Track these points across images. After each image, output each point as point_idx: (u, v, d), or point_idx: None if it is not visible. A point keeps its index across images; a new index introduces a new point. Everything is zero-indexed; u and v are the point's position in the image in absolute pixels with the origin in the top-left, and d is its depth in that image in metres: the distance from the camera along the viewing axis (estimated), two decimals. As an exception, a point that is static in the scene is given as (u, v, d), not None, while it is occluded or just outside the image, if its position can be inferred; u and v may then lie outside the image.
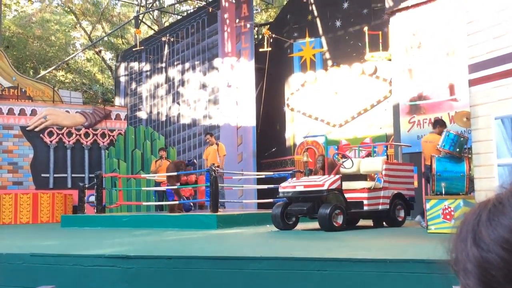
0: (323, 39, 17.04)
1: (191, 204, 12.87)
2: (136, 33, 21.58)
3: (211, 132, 14.81)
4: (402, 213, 10.14)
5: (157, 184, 14.51)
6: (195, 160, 15.04)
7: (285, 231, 9.33)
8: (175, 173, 12.61)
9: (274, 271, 4.96)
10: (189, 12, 26.54)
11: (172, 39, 20.33)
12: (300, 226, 9.86)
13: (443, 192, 8.26)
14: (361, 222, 10.74)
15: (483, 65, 6.64)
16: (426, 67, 12.28)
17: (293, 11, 18.02)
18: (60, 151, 18.50)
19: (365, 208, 9.58)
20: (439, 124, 9.85)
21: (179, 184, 12.60)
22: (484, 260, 0.73)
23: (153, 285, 5.27)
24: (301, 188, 9.32)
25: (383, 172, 10.00)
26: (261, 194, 15.57)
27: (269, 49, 16.88)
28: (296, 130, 17.22)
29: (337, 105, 15.94)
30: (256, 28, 23.63)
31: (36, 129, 18.15)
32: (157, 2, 26.52)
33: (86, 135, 18.87)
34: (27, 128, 18.05)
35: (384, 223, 10.15)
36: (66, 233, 10.36)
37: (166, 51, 20.87)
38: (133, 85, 22.23)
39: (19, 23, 31.17)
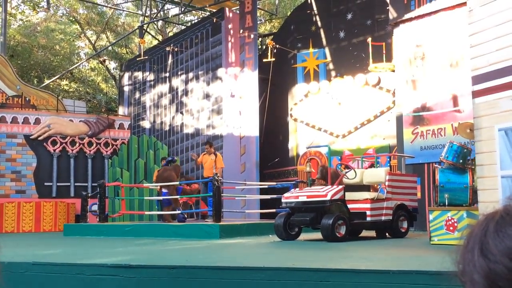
0: (326, 50, 17.08)
1: (185, 215, 12.87)
2: (140, 43, 21.70)
3: (211, 142, 14.74)
4: (405, 224, 10.11)
5: (160, 194, 14.52)
6: (175, 157, 15.02)
7: (288, 241, 9.31)
8: (176, 183, 12.65)
9: (277, 282, 4.94)
10: (193, 22, 26.67)
11: (176, 49, 20.40)
12: (303, 236, 9.84)
13: (446, 203, 8.24)
14: (364, 233, 10.71)
15: (486, 77, 6.64)
16: (430, 78, 12.29)
17: (297, 22, 18.08)
18: (64, 160, 18.52)
19: (368, 219, 9.56)
20: None
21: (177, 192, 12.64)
22: (491, 271, 0.73)
23: (155, 295, 5.26)
24: (304, 199, 9.31)
25: (386, 183, 9.99)
26: (264, 204, 15.55)
27: (273, 59, 16.93)
28: (299, 141, 17.23)
29: (341, 115, 15.95)
30: (260, 39, 23.71)
31: (40, 138, 18.19)
32: (161, 12, 26.64)
33: (90, 144, 18.90)
34: (31, 137, 18.09)
35: (387, 234, 10.12)
36: (68, 242, 10.35)
37: (170, 61, 20.94)
38: (137, 95, 22.29)
39: (24, 32, 31.33)
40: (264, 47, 21.87)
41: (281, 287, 4.92)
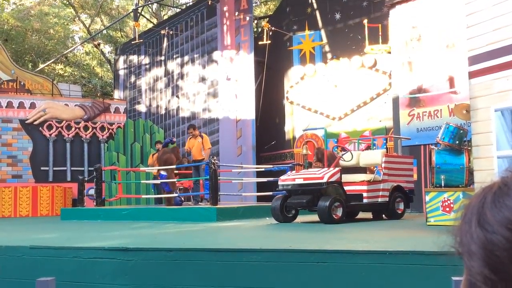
0: (322, 32, 17.00)
1: (182, 198, 12.87)
2: (135, 26, 21.52)
3: (194, 124, 14.49)
4: (401, 206, 10.15)
5: (156, 177, 14.52)
6: (174, 139, 14.96)
7: (285, 223, 9.34)
8: (174, 166, 12.64)
9: (274, 263, 4.96)
10: (188, 5, 26.47)
11: (171, 32, 20.28)
12: (300, 218, 9.87)
13: (443, 185, 8.26)
14: (361, 215, 10.75)
15: (483, 57, 6.63)
16: (426, 60, 12.26)
17: (293, 4, 17.97)
18: (59, 144, 18.48)
19: (365, 200, 9.59)
20: None
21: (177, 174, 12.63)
22: (488, 242, 0.73)
23: (153, 277, 5.28)
24: (301, 181, 9.33)
25: (383, 165, 10.01)
26: (260, 187, 15.58)
27: (269, 42, 16.85)
28: (295, 123, 17.21)
29: (337, 98, 15.92)
30: (256, 21, 23.57)
31: (35, 123, 18.13)
32: (156, -5, 26.42)
33: (85, 128, 18.85)
34: (26, 121, 18.03)
35: (383, 215, 10.16)
36: (65, 226, 10.37)
37: (165, 44, 20.82)
38: (132, 78, 22.20)
39: (17, 16, 31.07)
40: (259, 29, 21.76)
41: (278, 268, 4.94)
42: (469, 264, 0.75)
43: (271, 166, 14.48)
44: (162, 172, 12.96)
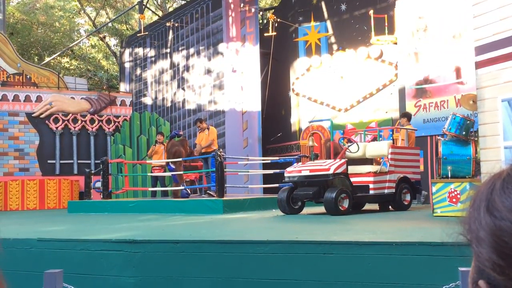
0: (328, 23, 16.93)
1: (188, 191, 12.90)
2: (140, 19, 21.52)
3: (201, 118, 14.55)
4: (408, 197, 10.14)
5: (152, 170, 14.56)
6: (180, 132, 14.93)
7: (291, 215, 9.35)
8: (182, 159, 12.66)
9: (281, 255, 4.97)
10: (193, -3, 26.38)
11: (176, 25, 20.25)
12: (306, 210, 9.88)
13: (449, 175, 8.24)
14: (367, 206, 10.75)
15: (489, 47, 6.59)
16: (432, 50, 12.20)
17: (298, -5, 17.90)
18: (66, 138, 18.53)
19: (371, 192, 9.58)
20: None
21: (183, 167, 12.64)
22: (497, 228, 0.73)
23: (160, 269, 5.30)
24: (307, 173, 9.32)
25: (389, 156, 9.99)
26: (266, 179, 15.59)
27: (274, 33, 16.80)
28: (301, 115, 17.18)
29: (343, 89, 15.88)
30: (261, 13, 23.49)
31: (42, 116, 18.18)
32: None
33: (92, 121, 18.89)
34: (33, 115, 18.08)
35: (390, 207, 10.15)
36: (73, 219, 10.41)
37: (170, 36, 20.81)
38: (138, 71, 22.21)
39: (23, 9, 31.11)
40: (265, 21, 21.69)
41: (284, 260, 4.95)
42: (477, 251, 0.76)
43: (277, 158, 14.48)
44: (171, 165, 12.98)
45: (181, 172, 12.94)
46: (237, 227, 7.39)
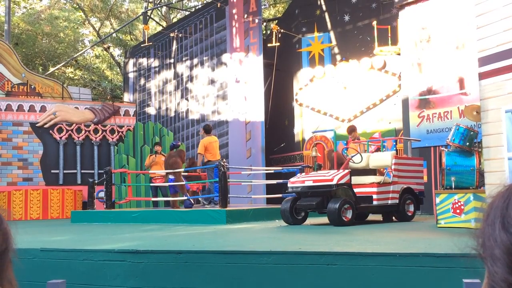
0: (331, 34, 16.98)
1: (192, 201, 12.86)
2: (144, 29, 21.62)
3: (204, 126, 14.44)
4: (411, 208, 10.10)
5: (151, 180, 14.54)
6: (179, 142, 14.90)
7: (294, 226, 9.33)
8: (181, 170, 12.64)
9: (284, 265, 4.95)
10: (197, 7, 26.54)
11: (180, 35, 20.34)
12: (309, 221, 9.85)
13: (453, 186, 8.22)
14: (371, 217, 10.71)
15: (493, 58, 6.59)
16: (436, 61, 12.20)
17: (302, 6, 17.97)
18: (70, 147, 18.56)
19: (375, 202, 9.55)
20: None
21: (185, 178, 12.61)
22: None
23: (163, 280, 5.29)
24: (310, 183, 9.31)
25: (393, 167, 9.97)
26: (270, 189, 15.56)
27: (278, 44, 16.86)
28: (304, 125, 17.19)
29: (346, 100, 15.89)
30: (265, 23, 23.58)
31: (46, 126, 18.22)
32: (165, -2, 26.53)
33: (95, 131, 18.92)
34: (37, 125, 18.12)
35: (393, 217, 10.12)
36: (76, 229, 10.40)
37: (174, 47, 20.88)
38: (142, 81, 22.27)
39: (28, 20, 31.28)
40: (268, 31, 21.76)
41: (288, 271, 4.93)
42: (492, 270, 0.72)
43: (281, 168, 14.46)
44: (170, 176, 12.97)
45: (183, 183, 12.92)
46: (240, 238, 7.37)
